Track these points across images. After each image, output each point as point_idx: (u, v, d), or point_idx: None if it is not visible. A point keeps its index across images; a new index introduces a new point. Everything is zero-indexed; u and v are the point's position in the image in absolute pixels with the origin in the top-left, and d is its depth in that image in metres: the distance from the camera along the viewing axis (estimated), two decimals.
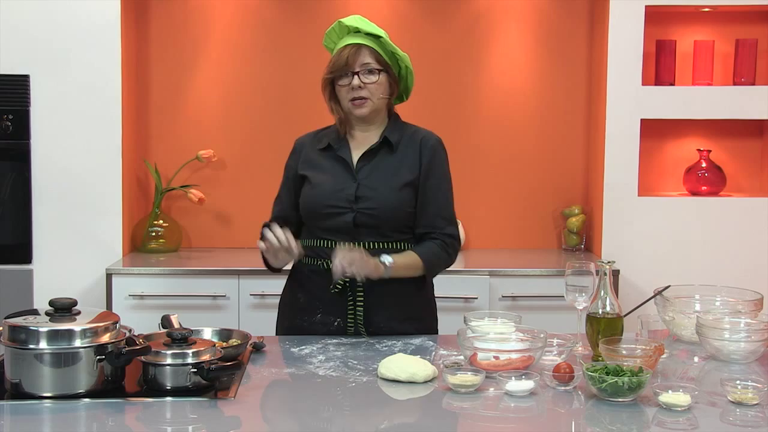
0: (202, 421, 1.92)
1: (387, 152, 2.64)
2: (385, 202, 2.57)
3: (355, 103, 2.60)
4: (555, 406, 2.01)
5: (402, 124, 2.71)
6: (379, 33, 2.60)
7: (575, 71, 4.26)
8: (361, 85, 2.58)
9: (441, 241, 2.62)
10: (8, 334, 2.04)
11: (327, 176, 2.64)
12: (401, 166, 2.62)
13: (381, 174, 2.61)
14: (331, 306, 2.59)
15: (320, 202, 2.61)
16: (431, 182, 2.63)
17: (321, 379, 2.18)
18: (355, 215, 2.57)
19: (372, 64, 2.58)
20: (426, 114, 4.27)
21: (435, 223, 2.62)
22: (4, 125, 3.72)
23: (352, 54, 2.59)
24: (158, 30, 4.18)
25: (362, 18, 2.65)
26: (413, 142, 2.66)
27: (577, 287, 2.41)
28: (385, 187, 2.59)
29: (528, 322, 2.46)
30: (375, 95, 2.59)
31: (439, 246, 2.61)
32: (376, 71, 2.59)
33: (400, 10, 4.23)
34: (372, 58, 2.59)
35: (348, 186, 2.59)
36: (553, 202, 4.30)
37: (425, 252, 2.60)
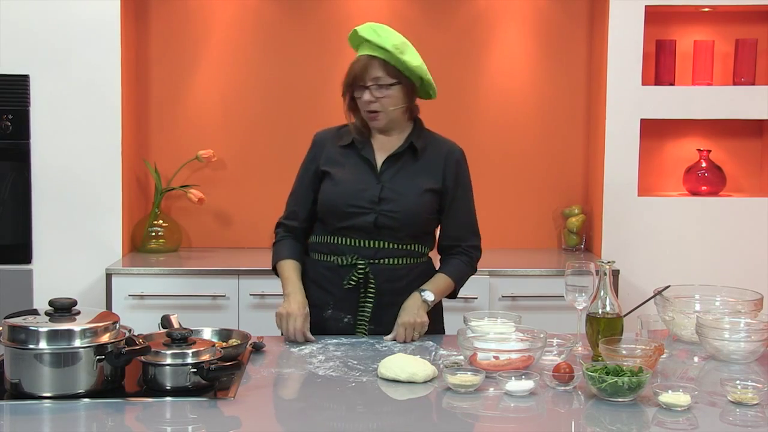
0: (201, 421, 1.92)
1: (411, 157, 2.64)
2: (407, 206, 2.58)
3: (369, 116, 2.60)
4: (555, 406, 2.01)
5: (426, 131, 2.71)
6: (385, 46, 2.53)
7: (575, 71, 4.26)
8: (373, 99, 2.56)
9: (466, 255, 2.70)
10: (8, 334, 2.04)
11: (350, 175, 2.62)
12: (424, 173, 2.63)
13: (404, 178, 2.61)
14: (342, 302, 2.60)
15: (343, 200, 2.60)
16: (459, 195, 2.67)
17: (321, 379, 2.18)
18: (377, 217, 2.57)
19: (383, 78, 2.55)
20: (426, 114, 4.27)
21: (461, 235, 2.69)
22: (4, 125, 3.72)
23: (362, 67, 2.56)
24: (158, 30, 4.17)
25: (375, 27, 2.58)
26: (438, 151, 2.67)
27: (576, 287, 2.41)
28: (408, 191, 2.59)
29: (528, 322, 2.46)
30: (387, 108, 2.58)
31: (464, 262, 2.69)
32: (387, 86, 2.55)
33: (399, 10, 4.23)
34: (383, 71, 2.55)
35: (372, 187, 2.59)
36: (553, 202, 4.30)
37: (455, 272, 2.67)
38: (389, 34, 2.56)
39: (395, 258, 2.60)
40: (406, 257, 2.62)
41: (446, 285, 2.65)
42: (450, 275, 2.65)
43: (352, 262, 2.58)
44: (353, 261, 2.58)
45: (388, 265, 2.59)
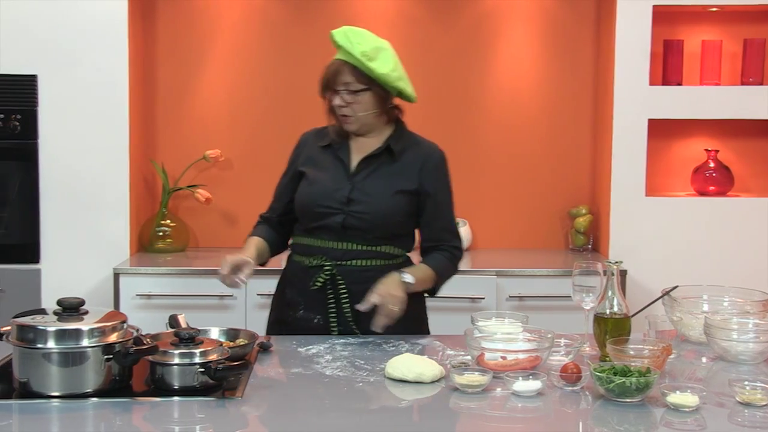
0: (209, 420, 1.92)
1: (388, 159, 2.64)
2: (377, 207, 2.58)
3: (341, 119, 2.62)
4: (562, 406, 2.01)
5: (407, 134, 2.70)
6: (354, 52, 2.53)
7: (582, 71, 4.25)
8: (344, 104, 2.58)
9: (448, 252, 2.67)
10: (16, 334, 2.04)
11: (324, 175, 2.65)
12: (400, 175, 2.62)
13: (378, 180, 2.61)
14: (312, 302, 2.60)
15: (314, 201, 2.62)
16: (438, 199, 2.65)
17: (328, 379, 2.18)
18: (345, 217, 2.58)
19: (352, 84, 2.56)
20: (432, 114, 4.28)
21: (441, 237, 2.68)
22: (12, 125, 3.73)
23: (333, 72, 2.59)
24: (165, 30, 4.18)
25: (348, 32, 2.58)
26: (416, 153, 2.65)
27: (584, 287, 2.40)
28: (379, 193, 2.59)
29: (535, 323, 2.46)
30: (358, 113, 2.59)
31: (447, 258, 2.67)
32: (356, 91, 2.57)
33: (405, 10, 4.23)
34: (353, 77, 2.56)
35: (342, 187, 2.60)
36: (560, 202, 4.30)
37: (437, 264, 2.65)
38: (361, 40, 2.56)
39: (364, 260, 2.60)
40: (377, 259, 2.61)
41: (427, 274, 2.61)
42: (431, 266, 2.63)
43: (319, 263, 2.59)
44: (321, 262, 2.59)
45: (356, 266, 2.59)
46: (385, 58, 2.58)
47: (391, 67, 2.58)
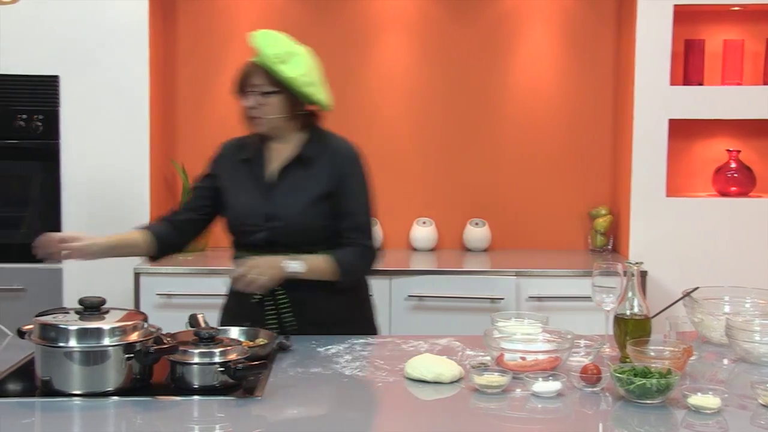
0: (229, 420, 1.93)
1: (303, 166, 2.63)
2: (297, 219, 2.58)
3: (251, 120, 2.63)
4: (582, 407, 2.00)
5: (322, 136, 2.68)
6: (265, 54, 2.54)
7: (602, 71, 4.23)
8: (254, 105, 2.59)
9: (357, 246, 2.62)
10: (39, 332, 2.06)
11: (243, 194, 2.66)
12: (317, 180, 2.62)
13: (296, 190, 2.61)
14: (255, 314, 2.60)
15: (237, 221, 2.66)
16: (347, 195, 2.63)
17: (347, 379, 2.18)
18: (268, 234, 2.59)
19: (263, 86, 2.57)
20: (451, 114, 4.28)
21: (351, 235, 2.63)
22: (34, 125, 3.76)
23: (246, 73, 2.60)
24: (185, 30, 4.20)
25: (264, 35, 2.59)
26: (330, 154, 2.65)
27: (604, 288, 2.39)
28: (298, 203, 2.59)
29: (555, 323, 2.45)
30: (267, 115, 2.59)
31: (353, 252, 2.62)
32: (267, 93, 2.57)
33: (424, 9, 4.23)
34: (264, 79, 2.57)
35: (261, 204, 2.61)
36: (580, 203, 4.28)
37: (341, 257, 2.60)
38: (275, 43, 2.57)
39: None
40: None
41: (323, 262, 2.57)
42: (335, 258, 2.59)
43: None
44: None
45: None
46: (296, 63, 2.58)
47: (301, 72, 2.57)
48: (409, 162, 4.30)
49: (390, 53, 4.27)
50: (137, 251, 2.71)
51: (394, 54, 4.27)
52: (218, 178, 2.72)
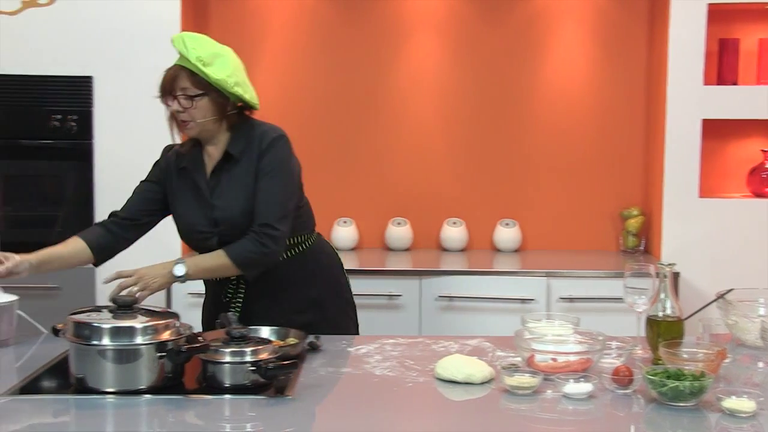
0: (260, 419, 1.94)
1: (233, 165, 2.62)
2: (240, 218, 2.57)
3: (180, 125, 2.61)
4: (614, 409, 1.99)
5: (248, 129, 2.64)
6: (189, 57, 2.50)
7: (634, 71, 4.21)
8: (181, 109, 2.56)
9: (254, 233, 2.55)
10: (73, 330, 2.08)
11: (186, 204, 2.66)
12: (246, 174, 2.60)
13: (231, 190, 2.60)
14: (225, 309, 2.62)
15: (187, 232, 2.68)
16: (263, 179, 2.59)
17: (378, 379, 2.19)
18: (218, 238, 2.59)
19: (189, 89, 2.54)
20: (481, 114, 4.27)
21: (256, 215, 2.57)
22: (69, 125, 3.79)
23: (171, 78, 2.56)
24: (217, 31, 4.22)
25: (185, 37, 2.56)
26: (253, 145, 2.61)
27: (636, 289, 2.37)
28: (237, 203, 2.59)
29: (586, 324, 2.44)
30: (196, 118, 2.57)
31: (249, 240, 2.55)
32: (192, 96, 2.54)
33: (455, 9, 4.23)
34: (190, 82, 2.53)
35: (205, 211, 2.61)
36: (612, 203, 4.26)
37: (235, 250, 2.55)
38: (198, 45, 2.54)
39: None
40: None
41: (215, 259, 2.54)
42: (228, 252, 2.54)
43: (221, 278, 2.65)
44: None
45: None
46: (222, 64, 2.56)
47: (228, 73, 2.55)
48: (439, 162, 4.30)
49: (420, 53, 4.27)
50: (74, 261, 2.66)
51: (424, 54, 4.27)
52: (162, 186, 2.71)
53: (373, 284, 3.69)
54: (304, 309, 2.67)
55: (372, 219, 4.29)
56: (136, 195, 2.76)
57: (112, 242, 2.71)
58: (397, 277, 3.73)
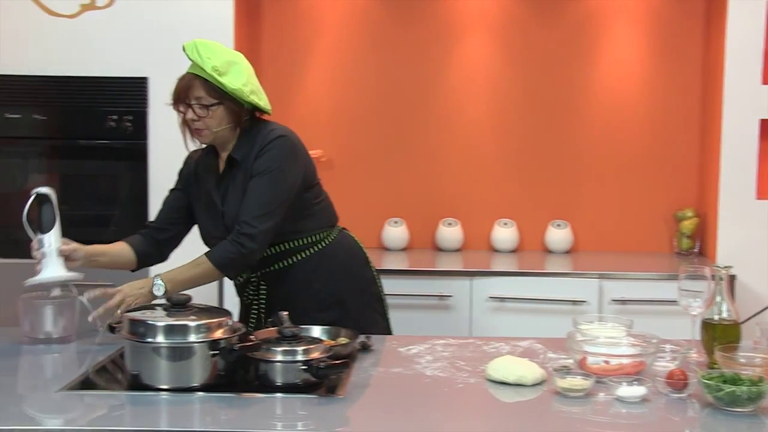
0: (311, 418, 1.95)
1: (237, 169, 2.62)
2: None
3: (194, 132, 2.61)
4: (668, 413, 1.96)
5: (255, 133, 2.62)
6: (204, 67, 2.51)
7: (689, 70, 4.14)
8: (196, 118, 2.56)
9: (236, 237, 2.54)
10: (128, 328, 2.12)
11: (203, 210, 2.69)
12: (247, 178, 2.60)
13: (236, 195, 2.61)
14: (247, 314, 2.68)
15: (205, 238, 2.71)
16: (253, 178, 2.58)
17: (429, 379, 2.18)
18: None
19: (204, 99, 2.54)
20: (534, 114, 4.24)
21: (241, 216, 2.56)
22: (124, 126, 3.85)
23: (185, 86, 2.57)
24: (270, 31, 4.26)
25: (199, 46, 2.56)
26: (257, 146, 2.60)
27: (691, 292, 2.34)
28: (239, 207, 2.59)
29: (639, 327, 2.41)
30: (211, 127, 2.57)
31: (229, 240, 2.55)
32: (207, 106, 2.54)
33: (507, 9, 4.20)
34: (204, 91, 2.53)
35: (217, 218, 2.62)
36: (665, 205, 4.20)
37: (214, 252, 2.57)
38: (212, 54, 2.53)
39: (280, 261, 2.65)
40: (291, 256, 2.66)
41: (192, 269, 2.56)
42: (207, 254, 2.57)
43: (247, 276, 2.69)
44: (247, 275, 2.68)
45: (276, 269, 2.66)
46: (236, 73, 2.56)
47: (243, 82, 2.56)
48: (491, 163, 4.28)
49: (472, 53, 4.26)
50: (120, 262, 2.71)
51: (476, 54, 4.26)
52: (187, 193, 2.75)
53: (423, 285, 3.68)
54: (326, 306, 2.68)
55: (423, 219, 4.29)
56: (165, 204, 2.81)
57: (152, 252, 2.76)
58: (447, 278, 3.72)
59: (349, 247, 2.81)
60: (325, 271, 2.70)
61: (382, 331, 2.74)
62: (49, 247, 2.49)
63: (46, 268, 2.49)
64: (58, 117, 3.86)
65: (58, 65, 3.81)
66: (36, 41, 3.81)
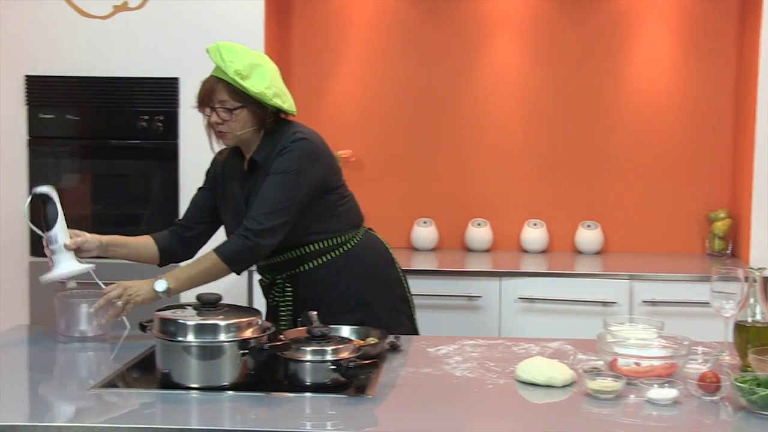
0: (340, 417, 1.95)
1: (258, 172, 2.62)
2: None
3: (218, 135, 2.61)
4: (700, 416, 1.95)
5: (278, 135, 2.62)
6: (227, 71, 2.50)
7: (723, 70, 4.10)
8: (219, 121, 2.56)
9: (243, 233, 2.54)
10: (159, 327, 2.13)
11: (228, 213, 2.70)
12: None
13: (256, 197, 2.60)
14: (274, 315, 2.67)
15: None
16: (269, 176, 2.57)
17: (458, 380, 2.18)
18: None
19: (228, 102, 2.54)
20: (564, 115, 4.22)
21: (250, 213, 2.56)
22: (155, 126, 3.88)
23: (209, 90, 2.56)
24: (300, 32, 4.27)
25: (222, 49, 2.55)
26: (277, 148, 2.60)
27: (723, 294, 2.31)
28: None
29: (670, 329, 2.39)
30: (235, 130, 2.57)
31: (236, 235, 2.56)
32: (231, 110, 2.54)
33: (537, 8, 4.19)
34: (227, 94, 2.53)
35: (241, 221, 2.60)
36: (697, 205, 4.16)
37: (221, 247, 2.57)
38: (235, 57, 2.52)
39: (305, 263, 2.65)
40: (316, 258, 2.66)
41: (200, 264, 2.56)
42: (215, 249, 2.56)
43: (272, 278, 2.70)
44: (273, 278, 2.70)
45: (304, 270, 2.66)
46: (259, 76, 2.55)
47: (266, 85, 2.55)
48: (520, 163, 4.26)
49: (502, 53, 4.24)
50: (141, 254, 2.73)
51: (505, 54, 4.24)
52: (214, 193, 2.76)
53: (452, 285, 3.68)
54: (351, 308, 2.67)
55: (452, 220, 4.28)
56: (192, 203, 2.82)
57: (178, 249, 2.77)
58: (477, 278, 3.71)
59: (374, 248, 2.82)
60: (350, 273, 2.70)
61: (408, 332, 2.73)
62: (56, 244, 2.52)
63: (57, 265, 2.52)
64: (91, 117, 3.90)
65: (91, 66, 3.85)
66: (69, 42, 3.85)
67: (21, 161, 3.88)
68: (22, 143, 3.88)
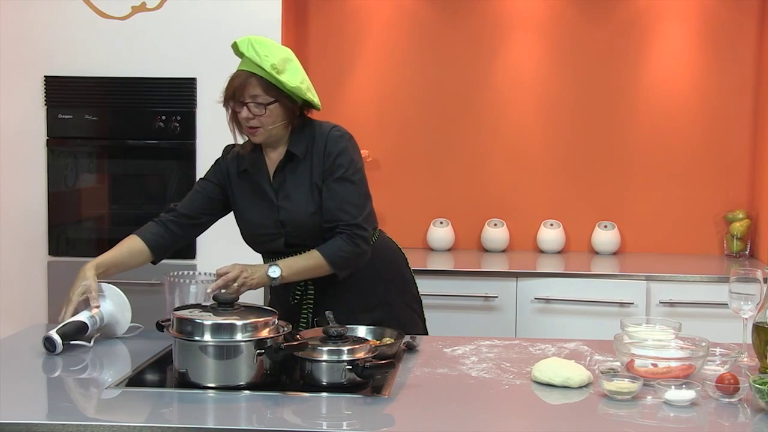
0: (356, 417, 1.95)
1: (295, 164, 2.60)
2: (306, 218, 2.57)
3: (248, 131, 2.58)
4: (718, 418, 1.93)
5: (309, 129, 2.62)
6: (263, 65, 2.48)
7: (742, 70, 4.08)
8: (251, 116, 2.53)
9: (345, 234, 2.55)
10: (176, 326, 2.14)
11: (251, 205, 2.66)
12: (309, 174, 2.59)
13: (295, 190, 2.60)
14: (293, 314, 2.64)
15: (251, 232, 2.67)
16: (333, 175, 2.57)
17: (474, 380, 2.18)
18: (285, 238, 2.60)
19: (260, 97, 2.51)
20: (581, 115, 4.20)
21: (338, 216, 2.56)
22: (173, 126, 3.89)
23: (241, 84, 2.53)
24: (317, 32, 4.28)
25: (254, 43, 2.52)
26: (317, 143, 2.59)
27: (742, 295, 2.30)
28: (302, 201, 2.58)
29: (687, 330, 2.38)
30: (266, 125, 2.55)
31: (343, 239, 2.55)
32: (264, 104, 2.52)
33: (556, 8, 4.17)
34: (260, 89, 2.51)
35: (271, 212, 2.60)
36: (715, 206, 4.14)
37: (328, 250, 2.55)
38: (269, 51, 2.50)
39: None
40: None
41: (309, 263, 2.54)
42: (322, 252, 2.54)
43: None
44: None
45: None
46: (293, 70, 2.54)
47: (300, 79, 2.55)
48: (537, 163, 4.25)
49: (520, 53, 4.24)
50: (133, 265, 2.70)
51: (523, 54, 4.23)
52: (222, 188, 2.73)
53: (469, 285, 3.68)
54: (371, 307, 2.68)
55: (468, 220, 4.28)
56: (197, 193, 2.77)
57: (170, 241, 2.73)
58: (493, 279, 3.71)
59: (391, 248, 2.83)
60: (371, 272, 2.70)
61: (421, 332, 2.74)
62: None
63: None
64: (109, 117, 3.92)
65: (109, 67, 3.87)
66: (87, 43, 3.87)
67: (40, 161, 3.90)
68: (40, 143, 3.91)
